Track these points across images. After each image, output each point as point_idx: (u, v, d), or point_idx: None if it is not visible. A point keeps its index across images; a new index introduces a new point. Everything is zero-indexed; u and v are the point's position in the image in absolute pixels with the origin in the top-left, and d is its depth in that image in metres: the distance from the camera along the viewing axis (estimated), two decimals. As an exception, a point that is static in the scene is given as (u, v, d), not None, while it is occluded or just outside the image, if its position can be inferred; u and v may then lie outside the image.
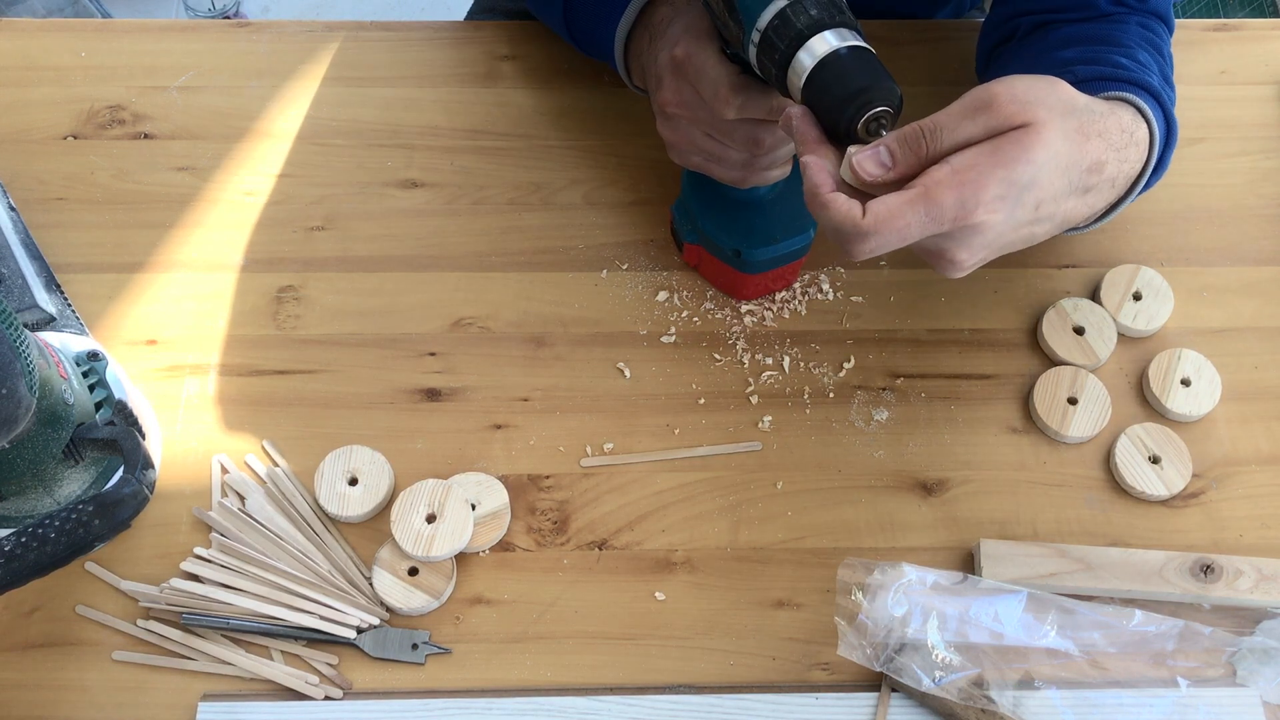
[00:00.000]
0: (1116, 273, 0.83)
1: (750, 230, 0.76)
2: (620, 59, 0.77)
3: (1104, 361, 0.80)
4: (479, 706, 0.68)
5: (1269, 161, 0.90)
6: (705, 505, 0.76)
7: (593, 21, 0.79)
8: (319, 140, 0.88)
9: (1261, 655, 0.69)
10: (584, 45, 0.83)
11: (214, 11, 2.07)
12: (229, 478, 0.75)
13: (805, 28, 0.58)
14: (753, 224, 0.76)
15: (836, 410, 0.79)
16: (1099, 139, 0.61)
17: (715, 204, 0.77)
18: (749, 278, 0.79)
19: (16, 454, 0.62)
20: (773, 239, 0.76)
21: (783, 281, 0.82)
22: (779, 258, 0.78)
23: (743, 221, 0.77)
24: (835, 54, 0.58)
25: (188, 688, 0.69)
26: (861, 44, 0.58)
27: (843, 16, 0.59)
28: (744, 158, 0.69)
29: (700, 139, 0.70)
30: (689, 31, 0.66)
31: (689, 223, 0.79)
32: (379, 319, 0.81)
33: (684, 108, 0.68)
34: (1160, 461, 0.76)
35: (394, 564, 0.72)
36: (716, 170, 0.71)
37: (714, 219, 0.77)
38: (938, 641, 0.68)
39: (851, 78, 0.57)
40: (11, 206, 0.83)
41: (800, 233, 0.76)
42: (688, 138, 0.70)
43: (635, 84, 0.78)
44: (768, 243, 0.76)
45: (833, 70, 0.58)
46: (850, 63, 0.58)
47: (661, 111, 0.70)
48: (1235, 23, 0.96)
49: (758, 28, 0.60)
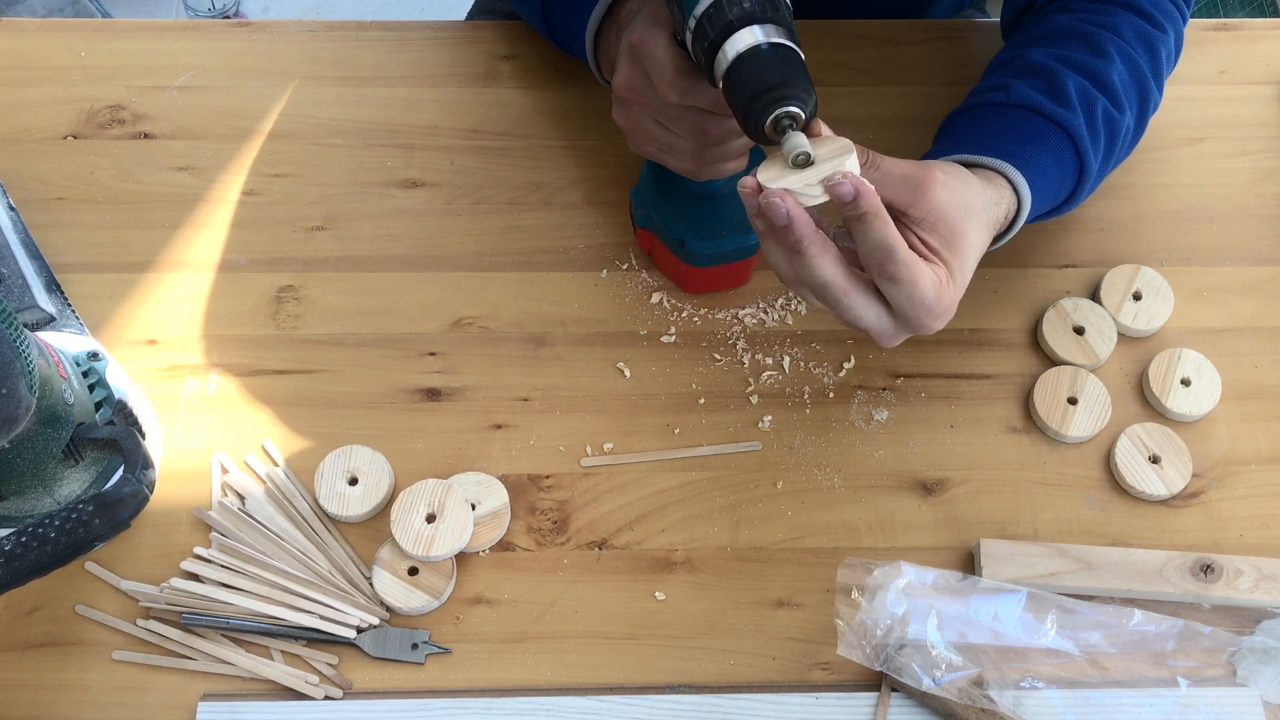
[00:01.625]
0: (1116, 273, 0.83)
1: (699, 223, 0.76)
2: (590, 53, 0.77)
3: (1104, 361, 0.80)
4: (479, 706, 0.68)
5: (1269, 161, 0.89)
6: (705, 505, 0.76)
7: (567, 16, 0.80)
8: (319, 140, 0.88)
9: (1261, 655, 0.69)
10: (560, 40, 0.84)
11: (214, 11, 2.07)
12: (229, 477, 0.75)
13: (735, 19, 0.58)
14: (702, 216, 0.76)
15: (836, 410, 0.79)
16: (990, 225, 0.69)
17: (670, 193, 0.77)
18: (694, 270, 0.79)
19: (16, 454, 0.62)
20: (719, 234, 0.76)
21: (731, 280, 0.82)
22: (724, 254, 0.78)
23: (693, 213, 0.76)
24: (757, 49, 0.58)
25: (188, 687, 0.69)
26: (787, 42, 0.59)
27: (775, 14, 0.59)
28: (693, 147, 0.69)
29: (652, 126, 0.70)
30: (646, 19, 0.67)
31: (643, 208, 0.79)
32: (379, 319, 0.81)
33: (635, 92, 0.69)
34: (1160, 461, 0.76)
35: (394, 564, 0.72)
36: (670, 160, 0.71)
37: (665, 207, 0.77)
38: (937, 641, 0.68)
39: (767, 74, 0.58)
40: (11, 206, 0.83)
41: (748, 231, 0.76)
42: (640, 124, 0.71)
43: (605, 78, 0.79)
44: (714, 237, 0.76)
45: (751, 64, 0.58)
46: (769, 59, 0.58)
47: (616, 97, 0.71)
48: (1235, 23, 0.96)
49: (694, 14, 0.60)
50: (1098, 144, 0.74)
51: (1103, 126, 0.75)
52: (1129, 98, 0.76)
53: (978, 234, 0.65)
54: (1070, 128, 0.73)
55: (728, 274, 0.81)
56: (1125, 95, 0.76)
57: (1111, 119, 0.75)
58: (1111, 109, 0.75)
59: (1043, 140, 0.72)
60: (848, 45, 0.93)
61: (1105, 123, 0.75)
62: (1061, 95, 0.73)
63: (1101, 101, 0.74)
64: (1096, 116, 0.74)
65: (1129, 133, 0.78)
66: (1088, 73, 0.75)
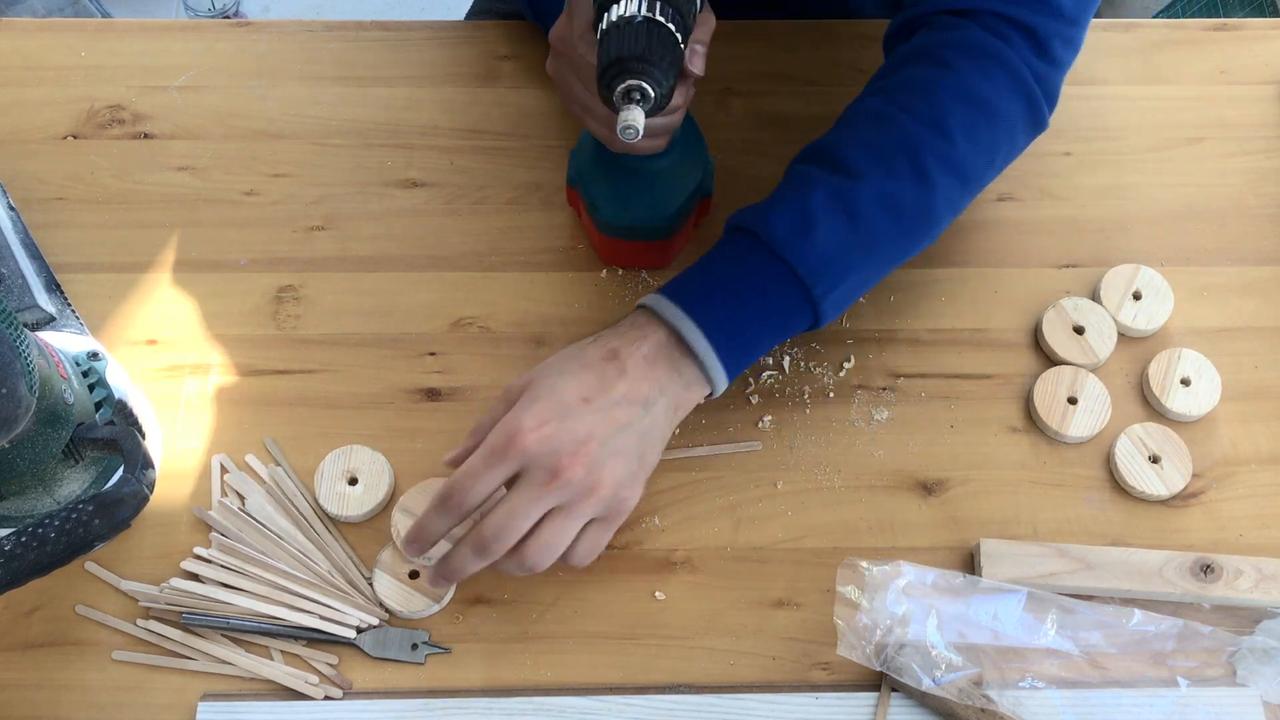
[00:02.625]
0: (1116, 273, 0.83)
1: (613, 191, 0.76)
2: None
3: (1104, 361, 0.80)
4: (479, 706, 0.68)
5: (1269, 161, 0.89)
6: (705, 505, 0.76)
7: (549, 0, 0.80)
8: (319, 140, 0.88)
9: (1261, 655, 0.69)
10: (543, 19, 0.84)
11: (214, 11, 2.07)
12: (229, 477, 0.75)
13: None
14: (618, 186, 0.76)
15: (836, 410, 0.79)
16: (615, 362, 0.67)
17: (602, 160, 0.76)
18: (606, 240, 0.80)
19: (16, 454, 0.62)
20: (630, 207, 0.76)
21: (644, 258, 0.82)
22: (630, 229, 0.77)
23: (615, 183, 0.76)
24: (629, 19, 0.59)
25: (188, 687, 0.69)
26: (663, 21, 0.59)
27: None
28: (605, 113, 0.68)
29: (574, 83, 0.70)
30: None
31: (575, 168, 0.79)
32: (379, 319, 0.81)
33: (561, 43, 0.69)
34: (1160, 461, 0.76)
35: (395, 567, 0.72)
36: (589, 123, 0.71)
37: (594, 171, 0.77)
38: (937, 641, 0.68)
39: (629, 45, 0.58)
40: (11, 206, 0.83)
41: (658, 210, 0.76)
42: (566, 80, 0.70)
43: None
44: (622, 208, 0.76)
45: (619, 33, 0.59)
46: (637, 31, 0.58)
47: (551, 46, 0.71)
48: (1235, 23, 0.96)
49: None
50: (819, 229, 0.68)
51: (827, 208, 0.68)
52: (876, 161, 0.70)
53: None
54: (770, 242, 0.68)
55: (642, 252, 0.81)
56: (866, 161, 0.70)
57: (843, 195, 0.69)
58: (843, 184, 0.69)
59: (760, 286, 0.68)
60: (847, 45, 0.93)
61: (833, 202, 0.69)
62: (755, 211, 0.70)
63: (821, 184, 0.69)
64: (812, 203, 0.68)
65: (907, 185, 0.70)
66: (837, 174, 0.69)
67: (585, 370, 0.66)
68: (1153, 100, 0.92)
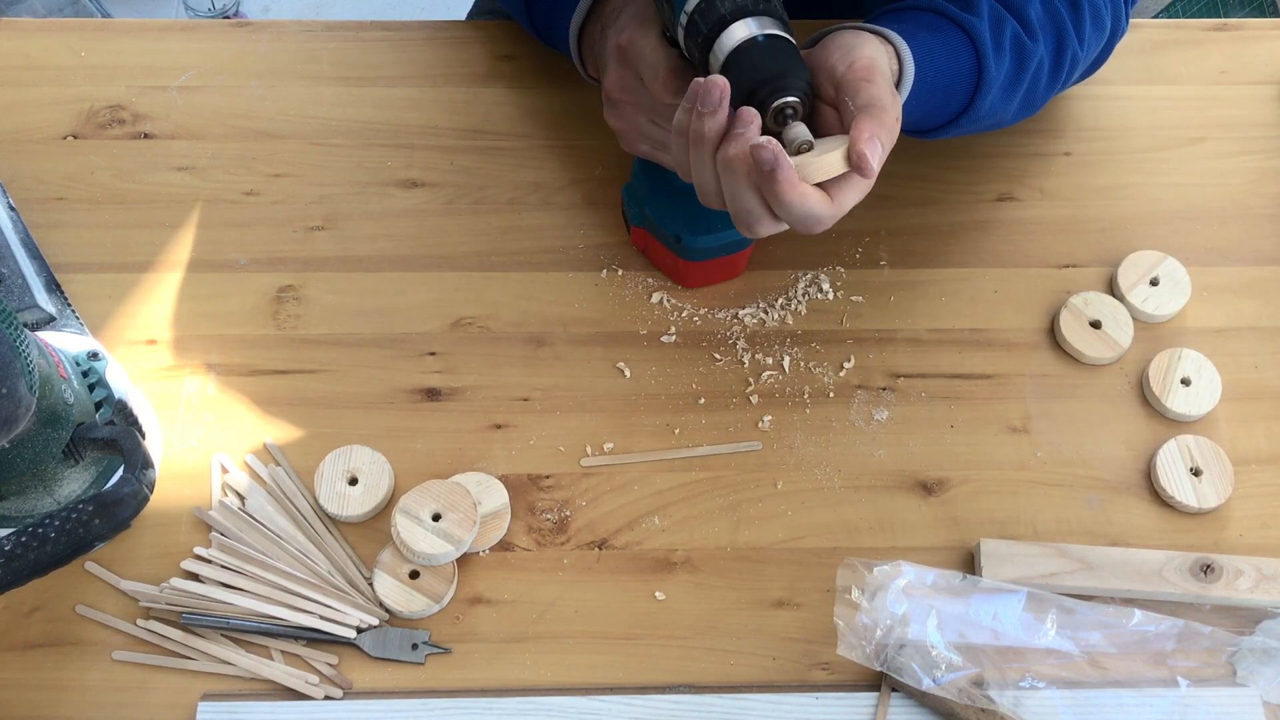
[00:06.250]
0: (1139, 256, 0.83)
1: (693, 217, 0.76)
2: (574, 49, 0.77)
3: (1128, 349, 0.80)
4: (479, 706, 0.68)
5: (1269, 161, 0.89)
6: (705, 505, 0.76)
7: (551, 11, 0.80)
8: (319, 140, 0.88)
9: (1261, 655, 0.69)
10: (543, 35, 0.84)
11: (214, 11, 2.07)
12: (229, 477, 0.75)
13: (728, 13, 0.59)
14: (695, 211, 0.76)
15: (836, 410, 0.79)
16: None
17: (662, 189, 0.77)
18: (692, 265, 0.80)
19: (16, 454, 0.62)
20: (714, 227, 0.76)
21: (728, 272, 0.82)
22: (720, 246, 0.78)
23: (686, 208, 0.76)
24: (753, 40, 0.58)
25: (188, 687, 0.69)
26: (781, 33, 0.59)
27: (767, 5, 0.59)
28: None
29: (645, 125, 0.70)
30: (635, 18, 0.67)
31: (636, 206, 0.79)
32: (379, 319, 0.81)
33: (627, 93, 0.69)
34: (1201, 475, 0.76)
35: (395, 567, 0.72)
36: (664, 157, 0.72)
37: (659, 203, 0.77)
38: (937, 641, 0.68)
39: (765, 65, 0.58)
40: (11, 206, 0.83)
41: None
42: (633, 124, 0.71)
43: (589, 75, 0.79)
44: (709, 231, 0.76)
45: (748, 56, 0.58)
46: (766, 50, 0.58)
47: (608, 98, 0.71)
48: (1235, 23, 0.96)
49: (685, 10, 0.60)
50: (1001, 58, 0.72)
51: (1010, 46, 0.73)
52: (1044, 33, 0.75)
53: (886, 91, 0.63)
54: (970, 28, 0.71)
55: (724, 266, 0.81)
56: (1041, 29, 0.74)
57: (1021, 43, 0.73)
58: (1023, 34, 0.73)
59: (939, 32, 0.71)
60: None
61: (1014, 43, 0.73)
62: (970, 5, 0.72)
63: (1011, 24, 0.73)
64: (1004, 34, 0.72)
65: (1043, 67, 0.76)
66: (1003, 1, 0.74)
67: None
68: (1153, 100, 0.92)
